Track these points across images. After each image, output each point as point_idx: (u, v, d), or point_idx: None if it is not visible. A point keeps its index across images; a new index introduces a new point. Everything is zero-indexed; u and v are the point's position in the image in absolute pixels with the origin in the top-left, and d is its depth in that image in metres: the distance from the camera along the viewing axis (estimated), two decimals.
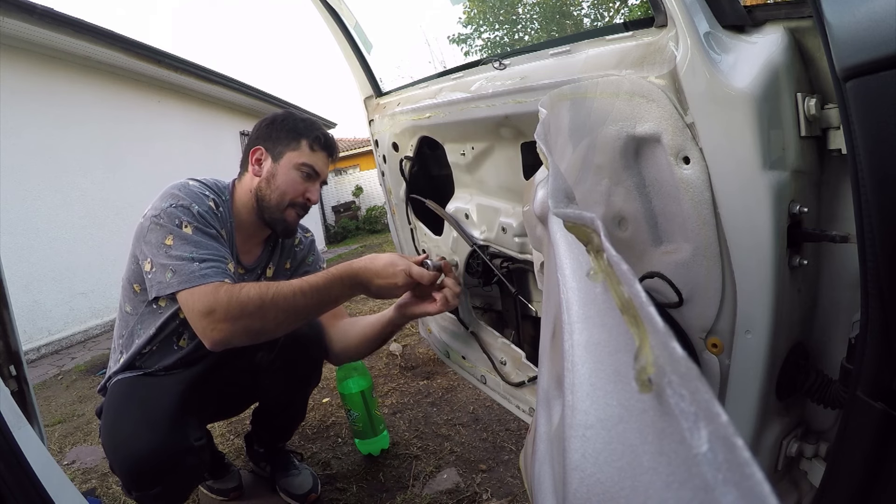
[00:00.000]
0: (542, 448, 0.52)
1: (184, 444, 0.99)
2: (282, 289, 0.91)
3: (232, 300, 0.88)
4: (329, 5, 1.39)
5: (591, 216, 0.32)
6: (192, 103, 6.54)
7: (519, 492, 1.25)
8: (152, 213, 0.99)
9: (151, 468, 0.94)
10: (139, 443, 0.94)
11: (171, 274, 0.93)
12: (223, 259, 0.98)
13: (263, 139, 1.12)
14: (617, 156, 0.73)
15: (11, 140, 3.79)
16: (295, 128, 1.11)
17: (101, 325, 4.43)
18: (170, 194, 1.02)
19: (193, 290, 0.91)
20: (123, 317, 1.12)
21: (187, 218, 0.98)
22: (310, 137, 1.10)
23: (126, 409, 1.02)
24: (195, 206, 1.00)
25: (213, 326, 0.88)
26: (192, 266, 0.93)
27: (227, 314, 0.88)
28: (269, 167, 1.10)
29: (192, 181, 1.07)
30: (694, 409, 0.17)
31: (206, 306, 0.88)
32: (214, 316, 0.88)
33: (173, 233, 0.96)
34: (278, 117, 1.13)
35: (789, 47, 0.59)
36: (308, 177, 1.11)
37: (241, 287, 0.90)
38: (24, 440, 0.59)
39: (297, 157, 1.10)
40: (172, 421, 0.99)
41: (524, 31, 11.44)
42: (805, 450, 0.71)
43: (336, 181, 12.27)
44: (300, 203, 1.12)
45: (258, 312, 0.88)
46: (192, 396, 1.07)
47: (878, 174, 0.45)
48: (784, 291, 0.63)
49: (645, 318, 0.22)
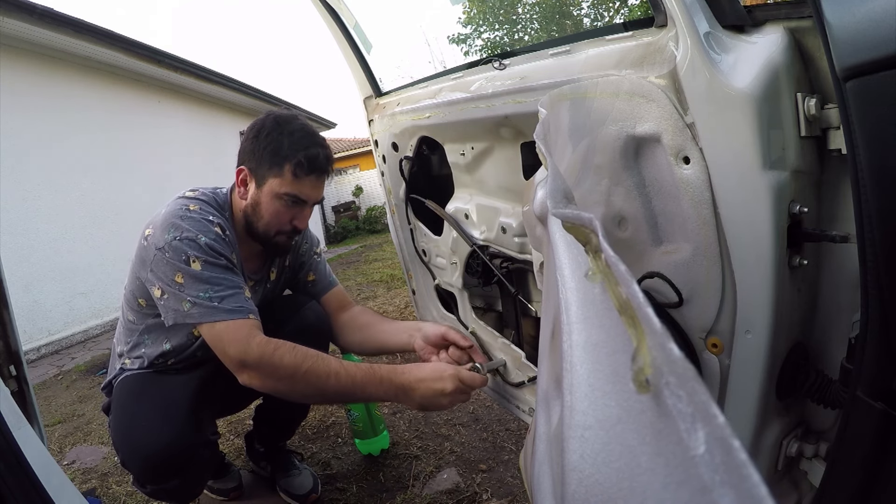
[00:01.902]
0: (542, 448, 0.52)
1: (201, 437, 1.01)
2: (317, 366, 0.89)
3: (264, 358, 0.89)
4: (329, 5, 1.39)
5: (590, 216, 0.31)
6: (192, 103, 6.55)
7: (519, 492, 1.25)
8: (156, 244, 0.94)
9: (169, 462, 0.95)
10: (156, 436, 0.95)
11: (189, 305, 0.92)
12: (239, 289, 0.96)
13: (248, 157, 1.03)
14: (617, 156, 0.73)
15: (11, 140, 3.79)
16: (279, 149, 0.99)
17: (101, 325, 4.43)
18: (171, 224, 0.95)
19: (218, 326, 0.91)
20: (127, 325, 1.12)
21: (194, 252, 0.93)
22: (293, 161, 0.98)
23: (140, 404, 1.02)
24: (202, 237, 0.95)
25: (245, 373, 0.90)
26: (211, 304, 0.92)
27: (258, 368, 0.89)
28: (254, 193, 1.03)
29: (192, 203, 1.01)
30: (691, 411, 0.17)
31: (238, 356, 0.90)
32: (246, 366, 0.90)
33: (182, 270, 0.92)
34: (264, 129, 1.01)
35: (789, 47, 0.59)
36: (293, 205, 1.03)
37: (276, 348, 0.90)
38: (24, 440, 0.59)
39: (279, 186, 1.00)
40: (189, 414, 1.00)
41: (524, 31, 11.44)
42: (805, 450, 0.71)
43: (336, 181, 12.28)
44: (287, 231, 1.06)
45: (288, 380, 0.89)
46: (204, 391, 1.08)
47: (878, 174, 0.45)
48: (784, 291, 0.63)
49: (642, 319, 0.22)
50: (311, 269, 1.29)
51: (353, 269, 5.54)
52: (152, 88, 5.69)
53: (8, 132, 3.75)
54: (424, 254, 1.50)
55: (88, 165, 4.60)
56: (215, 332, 0.92)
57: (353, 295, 3.94)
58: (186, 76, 5.86)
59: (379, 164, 1.52)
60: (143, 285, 1.01)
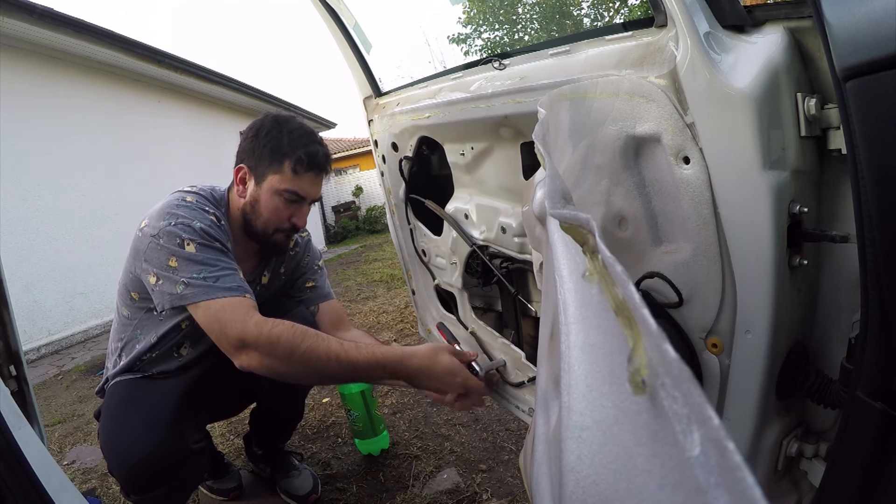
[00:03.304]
0: (541, 449, 0.52)
1: (183, 447, 0.99)
2: (317, 347, 0.86)
3: (262, 335, 0.85)
4: (329, 5, 1.39)
5: (587, 217, 0.31)
6: (192, 103, 6.55)
7: (519, 492, 1.25)
8: (151, 232, 0.94)
9: (150, 471, 0.94)
10: (138, 446, 0.94)
11: (182, 287, 0.90)
12: (234, 270, 0.95)
13: (248, 156, 1.04)
14: (617, 156, 0.73)
15: (11, 140, 3.79)
16: (278, 146, 1.00)
17: (101, 325, 4.43)
18: (167, 212, 0.95)
19: (214, 305, 0.88)
20: (121, 320, 1.11)
21: (189, 235, 0.93)
22: (293, 158, 1.00)
23: (125, 412, 1.02)
24: (196, 222, 0.95)
25: (244, 353, 0.87)
26: (206, 283, 0.90)
27: (256, 346, 0.86)
28: (253, 190, 1.04)
29: (188, 195, 1.01)
30: (687, 412, 0.17)
31: (237, 334, 0.86)
32: (246, 345, 0.86)
33: (176, 254, 0.91)
34: (263, 128, 1.03)
35: (789, 47, 0.59)
36: (292, 202, 1.03)
37: (275, 325, 0.87)
38: (24, 440, 0.59)
39: (278, 182, 1.01)
40: (172, 424, 0.99)
41: (524, 31, 11.44)
42: (805, 450, 0.71)
43: (336, 181, 12.29)
44: (286, 229, 1.07)
45: (287, 359, 0.86)
46: (191, 399, 1.06)
47: (878, 174, 0.45)
48: (784, 291, 0.63)
49: (639, 320, 0.22)
50: (312, 278, 1.29)
51: (353, 269, 5.54)
52: (152, 88, 5.70)
53: (8, 132, 3.75)
54: (424, 254, 1.50)
55: (88, 165, 4.60)
56: (212, 312, 0.89)
57: (353, 295, 3.94)
58: (186, 76, 5.86)
59: (379, 164, 1.52)
60: (136, 278, 1.00)
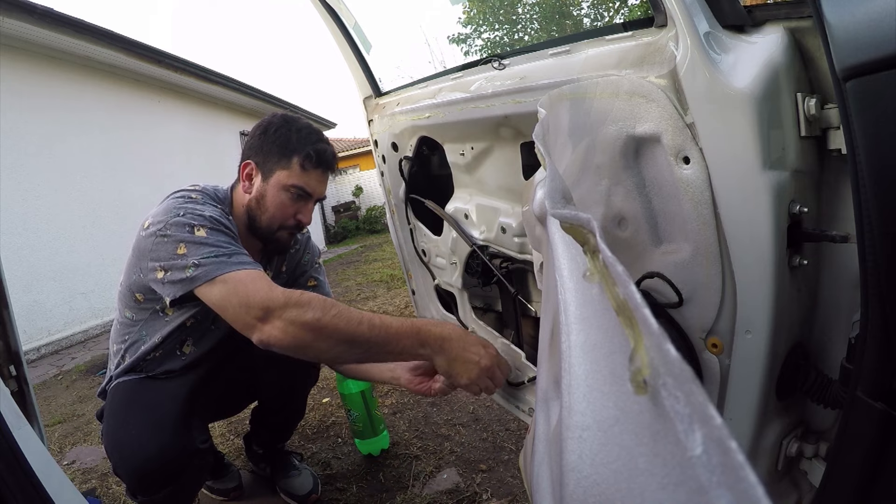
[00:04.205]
0: (541, 448, 0.52)
1: (190, 446, 0.99)
2: (348, 311, 0.80)
3: (291, 301, 0.78)
4: (328, 5, 1.39)
5: (587, 217, 0.31)
6: (193, 103, 6.55)
7: (519, 492, 1.25)
8: (155, 229, 0.92)
9: (158, 471, 0.94)
10: (145, 446, 0.94)
11: (193, 269, 0.86)
12: (245, 253, 0.92)
13: (255, 152, 1.04)
14: (617, 156, 0.73)
15: (11, 140, 3.79)
16: (287, 142, 1.01)
17: (101, 325, 4.43)
18: (172, 207, 0.95)
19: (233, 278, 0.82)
20: (124, 322, 1.11)
21: (199, 221, 0.91)
22: (301, 154, 1.01)
23: (130, 413, 1.02)
24: (207, 210, 0.95)
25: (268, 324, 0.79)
26: (218, 259, 0.86)
27: (283, 314, 0.78)
28: (259, 186, 1.04)
29: (193, 193, 1.01)
30: (689, 412, 0.17)
31: (263, 301, 0.79)
32: (271, 313, 0.79)
33: (185, 240, 0.89)
34: (272, 126, 1.04)
35: (789, 47, 0.59)
36: (299, 198, 1.04)
37: (302, 293, 0.81)
38: (24, 440, 0.59)
39: (286, 178, 1.01)
40: (178, 424, 0.99)
41: (524, 31, 11.44)
42: (805, 450, 0.71)
43: (336, 181, 12.28)
44: (291, 226, 1.07)
45: (314, 325, 0.77)
46: (195, 398, 1.07)
47: (878, 174, 0.45)
48: (784, 291, 0.63)
49: (640, 320, 0.22)
50: (313, 276, 1.31)
51: (352, 269, 5.54)
52: (152, 88, 5.69)
53: (8, 132, 3.75)
54: (424, 254, 1.50)
55: (88, 165, 4.60)
56: (230, 285, 0.82)
57: (353, 295, 3.94)
58: (186, 76, 5.86)
59: (379, 164, 1.52)
60: (140, 279, 0.98)
